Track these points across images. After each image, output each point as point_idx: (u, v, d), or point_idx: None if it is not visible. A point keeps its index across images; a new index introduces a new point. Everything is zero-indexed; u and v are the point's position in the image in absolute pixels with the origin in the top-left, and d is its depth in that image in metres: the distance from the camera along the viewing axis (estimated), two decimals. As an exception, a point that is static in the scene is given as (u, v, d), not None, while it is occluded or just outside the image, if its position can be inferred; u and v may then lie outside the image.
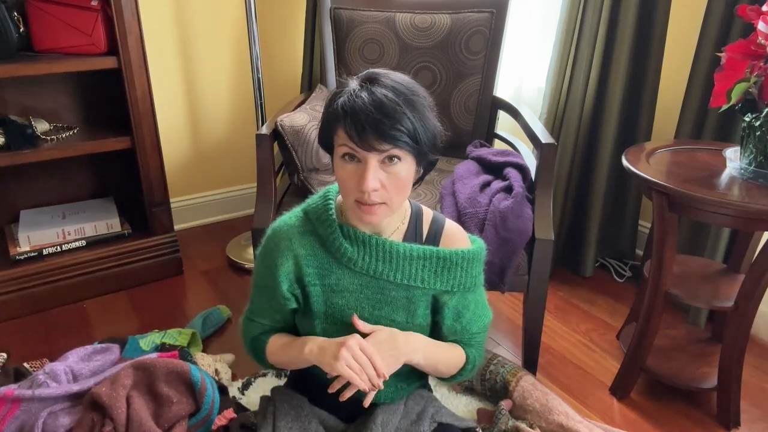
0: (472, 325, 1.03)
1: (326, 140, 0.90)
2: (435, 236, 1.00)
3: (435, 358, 0.99)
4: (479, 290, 1.03)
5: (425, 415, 1.03)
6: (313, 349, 0.94)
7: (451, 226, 1.02)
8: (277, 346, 1.02)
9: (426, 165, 0.92)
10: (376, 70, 0.88)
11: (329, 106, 0.88)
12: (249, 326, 1.07)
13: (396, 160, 0.84)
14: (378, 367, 0.90)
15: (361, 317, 0.96)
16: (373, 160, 0.83)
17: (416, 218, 0.99)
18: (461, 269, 0.97)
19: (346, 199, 0.89)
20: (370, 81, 0.86)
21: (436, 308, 1.01)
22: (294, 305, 0.99)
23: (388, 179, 0.85)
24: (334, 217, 0.94)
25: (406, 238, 0.98)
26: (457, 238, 1.00)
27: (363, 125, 0.81)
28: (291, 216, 0.98)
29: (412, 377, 1.06)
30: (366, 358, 0.90)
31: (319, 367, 0.93)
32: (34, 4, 1.72)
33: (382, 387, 0.91)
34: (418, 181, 0.94)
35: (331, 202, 0.96)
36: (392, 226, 0.97)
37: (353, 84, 0.87)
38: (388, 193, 0.86)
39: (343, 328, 0.97)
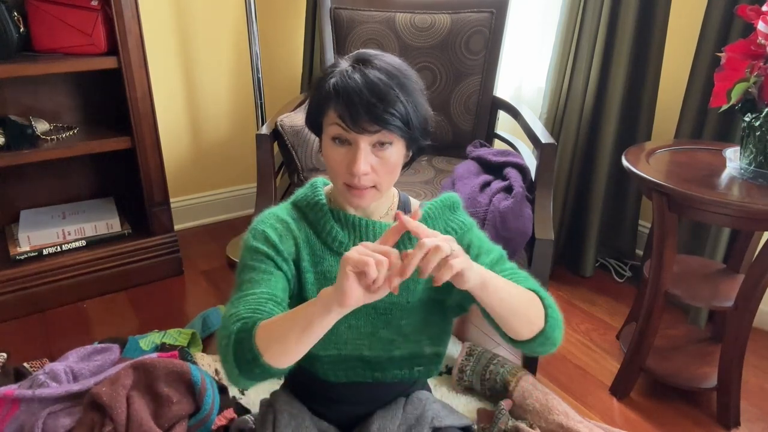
0: (494, 259, 0.93)
1: (315, 120, 0.89)
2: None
3: (501, 285, 0.81)
4: (475, 229, 0.98)
5: (424, 420, 1.01)
6: (321, 295, 0.75)
7: None
8: (272, 321, 0.79)
9: (416, 149, 0.91)
10: (368, 51, 0.87)
11: (320, 85, 0.85)
12: (237, 306, 0.83)
13: (387, 144, 0.84)
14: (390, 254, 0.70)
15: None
16: (364, 143, 0.82)
17: (405, 204, 0.99)
18: (445, 221, 0.95)
19: (336, 182, 0.88)
20: (362, 62, 0.84)
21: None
22: (291, 285, 0.91)
23: (379, 163, 0.85)
24: (324, 201, 0.94)
25: None
26: None
27: (356, 107, 0.80)
28: (280, 207, 0.97)
29: (432, 362, 1.02)
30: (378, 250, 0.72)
31: (340, 297, 0.72)
32: (34, 4, 1.72)
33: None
34: (407, 165, 0.93)
35: (319, 189, 0.95)
36: (381, 209, 0.96)
37: (344, 64, 0.85)
38: (378, 176, 0.85)
39: (341, 318, 0.93)
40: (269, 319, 0.79)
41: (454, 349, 1.57)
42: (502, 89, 2.19)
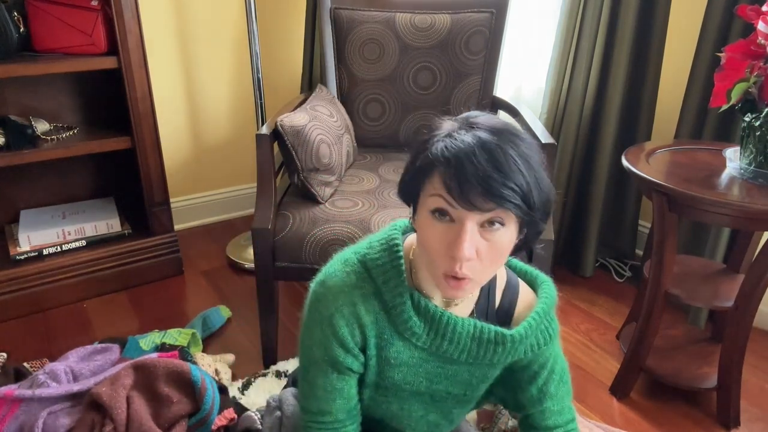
0: (557, 388, 0.89)
1: (411, 188, 0.74)
2: (509, 307, 0.86)
3: None
4: (556, 339, 0.87)
5: None
6: None
7: (525, 294, 0.88)
8: None
9: (532, 234, 0.74)
10: (473, 113, 0.73)
11: (420, 149, 0.72)
12: (311, 425, 0.86)
13: (498, 224, 0.68)
14: None
15: (417, 391, 0.87)
16: (471, 222, 0.67)
17: (489, 284, 0.86)
18: (536, 334, 0.84)
19: (432, 270, 0.73)
20: (470, 124, 0.70)
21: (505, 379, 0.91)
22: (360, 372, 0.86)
23: (486, 248, 0.69)
24: (406, 284, 0.78)
25: (477, 310, 0.84)
26: (532, 304, 0.87)
27: (467, 176, 0.65)
28: (347, 269, 0.80)
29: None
30: None
31: None
32: (34, 4, 1.72)
33: None
34: (517, 250, 0.77)
35: (401, 261, 0.78)
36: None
37: (449, 125, 0.71)
38: (482, 265, 0.70)
39: (394, 400, 0.89)
40: None
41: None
42: (502, 89, 2.19)
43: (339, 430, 0.86)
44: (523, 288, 0.89)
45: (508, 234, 0.70)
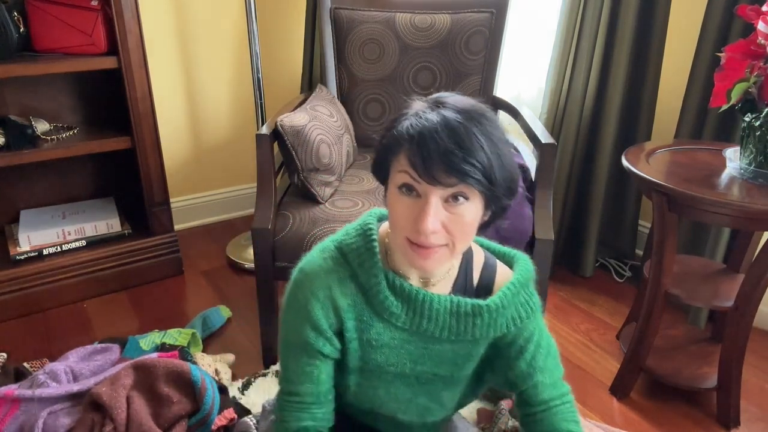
0: (545, 361, 0.90)
1: (381, 166, 0.78)
2: (487, 284, 0.89)
3: None
4: (539, 312, 0.89)
5: None
6: None
7: (503, 272, 0.90)
8: None
9: (497, 209, 0.78)
10: (444, 93, 0.76)
11: (390, 130, 0.75)
12: (291, 413, 0.88)
13: (462, 199, 0.72)
14: None
15: (401, 373, 0.88)
16: (436, 196, 0.71)
17: (466, 264, 0.88)
18: (516, 306, 0.85)
19: (396, 237, 0.76)
20: (439, 103, 0.74)
21: (492, 359, 0.92)
22: (335, 356, 0.87)
23: (451, 221, 0.72)
24: (380, 264, 0.81)
25: (455, 289, 0.86)
26: (509, 279, 0.88)
27: (429, 153, 0.69)
28: (324, 255, 0.84)
29: (450, 416, 1.01)
30: None
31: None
32: (34, 4, 1.72)
33: None
34: (484, 227, 0.80)
35: (375, 244, 0.82)
36: (441, 271, 0.85)
37: (419, 105, 0.75)
38: (451, 236, 0.73)
39: (380, 384, 0.90)
40: None
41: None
42: (502, 89, 2.19)
43: (304, 411, 0.87)
44: (501, 267, 0.91)
45: (472, 208, 0.73)
